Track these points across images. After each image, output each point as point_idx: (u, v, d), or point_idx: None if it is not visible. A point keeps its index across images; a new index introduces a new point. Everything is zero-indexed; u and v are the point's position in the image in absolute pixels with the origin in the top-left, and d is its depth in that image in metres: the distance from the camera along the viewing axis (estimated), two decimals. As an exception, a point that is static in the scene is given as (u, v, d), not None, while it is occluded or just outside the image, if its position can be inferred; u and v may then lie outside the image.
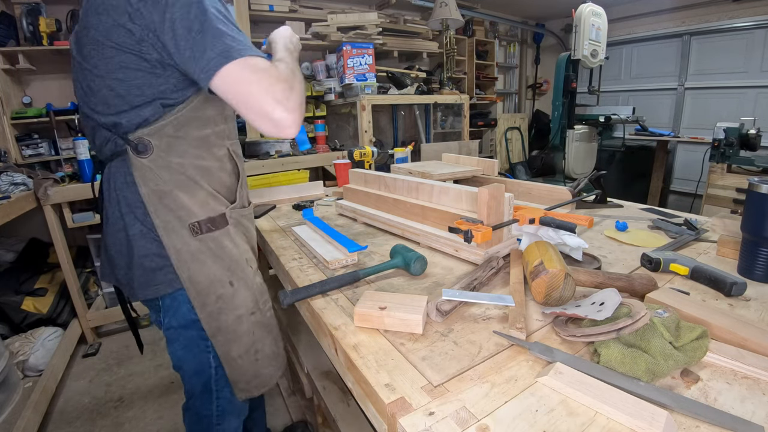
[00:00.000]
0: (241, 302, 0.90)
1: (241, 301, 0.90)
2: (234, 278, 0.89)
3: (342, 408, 1.18)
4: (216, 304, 0.87)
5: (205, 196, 0.85)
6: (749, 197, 0.76)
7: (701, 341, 0.54)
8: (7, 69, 2.33)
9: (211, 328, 0.89)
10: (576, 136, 3.52)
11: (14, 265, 2.21)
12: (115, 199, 0.84)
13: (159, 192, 0.80)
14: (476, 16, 4.52)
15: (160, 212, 0.81)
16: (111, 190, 0.84)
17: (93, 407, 1.87)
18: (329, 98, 3.30)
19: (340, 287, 0.79)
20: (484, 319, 0.67)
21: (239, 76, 0.68)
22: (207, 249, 0.85)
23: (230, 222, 0.88)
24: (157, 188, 0.80)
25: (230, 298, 0.88)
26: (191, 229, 0.83)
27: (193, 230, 0.83)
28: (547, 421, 0.45)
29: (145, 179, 0.79)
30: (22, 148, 2.41)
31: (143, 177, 0.79)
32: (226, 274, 0.88)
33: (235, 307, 0.89)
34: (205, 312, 0.87)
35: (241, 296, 0.90)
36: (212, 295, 0.87)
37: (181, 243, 0.83)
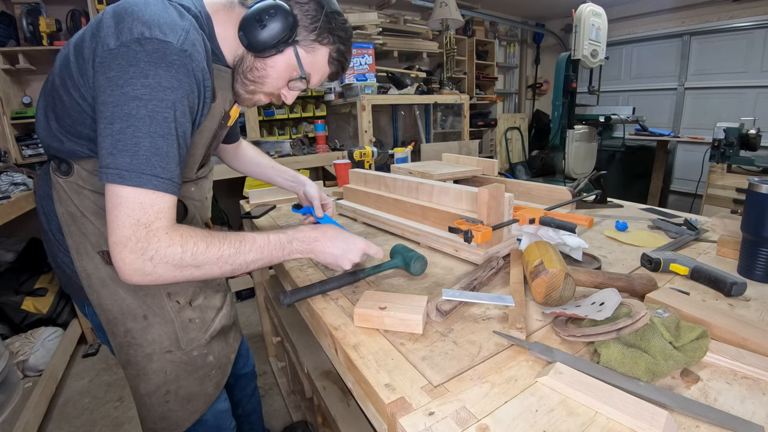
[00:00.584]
0: (155, 339, 0.81)
1: (155, 338, 0.81)
2: (150, 312, 0.80)
3: (342, 408, 1.18)
4: (124, 337, 0.80)
5: None
6: (749, 197, 0.76)
7: (701, 341, 0.54)
8: (7, 69, 2.33)
9: (121, 359, 0.83)
10: (576, 136, 3.52)
11: (14, 265, 2.21)
12: (39, 205, 0.81)
13: (71, 214, 0.75)
14: (476, 16, 4.52)
15: (73, 233, 0.76)
16: (37, 193, 0.81)
17: (93, 407, 1.87)
18: (329, 98, 3.30)
19: (340, 287, 0.79)
20: (484, 319, 0.67)
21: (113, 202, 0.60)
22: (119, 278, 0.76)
23: None
24: (69, 210, 0.75)
25: (141, 333, 0.80)
26: (102, 257, 0.76)
27: (104, 258, 0.76)
28: (547, 421, 0.45)
29: (60, 198, 0.75)
30: (22, 148, 2.41)
31: (59, 195, 0.74)
32: (141, 306, 0.79)
33: (145, 343, 0.81)
34: (114, 342, 0.81)
35: (154, 332, 0.81)
36: (121, 327, 0.79)
37: (92, 268, 0.76)
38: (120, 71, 0.59)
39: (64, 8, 2.41)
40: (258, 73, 0.77)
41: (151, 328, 0.81)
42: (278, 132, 3.31)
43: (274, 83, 0.79)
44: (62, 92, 0.68)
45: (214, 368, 0.91)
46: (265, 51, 0.73)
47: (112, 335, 0.80)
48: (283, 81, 0.79)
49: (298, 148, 2.94)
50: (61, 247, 0.79)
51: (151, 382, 0.84)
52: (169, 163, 0.62)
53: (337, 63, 0.82)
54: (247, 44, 0.72)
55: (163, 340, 0.82)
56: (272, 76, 0.77)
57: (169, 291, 0.82)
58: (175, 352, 0.84)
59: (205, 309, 0.89)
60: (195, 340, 0.86)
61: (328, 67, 0.81)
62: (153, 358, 0.82)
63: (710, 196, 2.90)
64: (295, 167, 2.82)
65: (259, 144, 2.85)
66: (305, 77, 0.79)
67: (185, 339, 0.85)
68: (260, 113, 3.14)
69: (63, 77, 0.67)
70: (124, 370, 0.84)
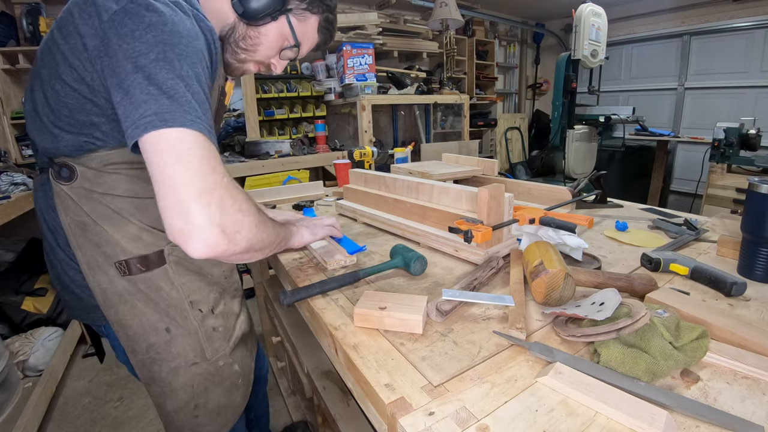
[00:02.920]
0: (180, 352, 0.77)
1: (179, 351, 0.77)
2: (173, 324, 0.76)
3: (342, 408, 1.18)
4: (147, 353, 0.75)
5: (138, 230, 0.72)
6: (749, 197, 0.76)
7: (701, 341, 0.54)
8: (7, 69, 2.33)
9: (144, 377, 0.78)
10: (576, 136, 3.52)
11: (14, 265, 2.21)
12: (42, 219, 0.75)
13: (80, 223, 0.69)
14: (476, 16, 4.52)
15: (83, 246, 0.70)
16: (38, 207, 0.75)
17: (93, 407, 1.87)
18: (329, 98, 3.30)
19: (340, 287, 0.79)
20: (484, 319, 0.67)
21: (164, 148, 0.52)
22: (137, 291, 0.73)
23: (170, 260, 0.75)
24: (78, 218, 0.69)
25: (165, 347, 0.76)
26: (118, 268, 0.71)
27: (121, 270, 0.71)
28: (547, 421, 0.45)
29: (65, 207, 0.68)
30: (22, 148, 2.42)
31: (64, 205, 0.68)
32: (163, 319, 0.75)
33: (170, 357, 0.77)
34: (136, 359, 0.76)
35: (179, 345, 0.77)
36: (143, 342, 0.75)
37: (107, 282, 0.71)
38: (136, 23, 0.54)
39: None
40: (251, 42, 0.76)
41: (175, 341, 0.77)
42: (278, 132, 3.31)
43: (266, 52, 0.78)
44: (54, 82, 0.62)
45: (240, 377, 0.89)
46: (259, 19, 0.72)
47: (133, 352, 0.75)
48: (275, 50, 0.79)
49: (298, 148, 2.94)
50: (72, 263, 0.73)
51: (179, 397, 0.80)
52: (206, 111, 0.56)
53: (325, 31, 0.83)
54: (242, 12, 0.72)
55: (188, 353, 0.78)
56: (264, 44, 0.77)
57: (192, 299, 0.78)
58: (201, 363, 0.80)
59: (227, 316, 0.86)
60: (220, 349, 0.83)
61: (317, 35, 0.82)
62: (179, 372, 0.78)
63: (710, 196, 2.90)
64: (295, 167, 2.83)
65: (259, 144, 2.85)
66: (297, 45, 0.79)
67: (210, 349, 0.81)
68: (260, 113, 3.14)
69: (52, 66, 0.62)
70: (148, 387, 0.79)
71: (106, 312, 0.73)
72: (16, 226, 2.22)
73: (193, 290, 0.79)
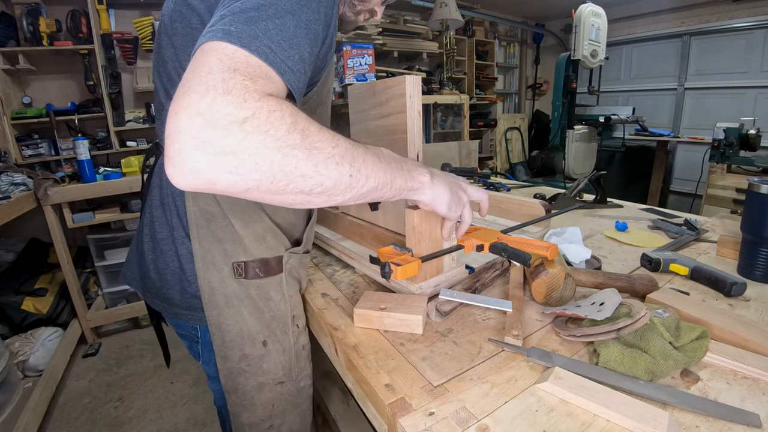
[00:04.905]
0: (270, 368, 0.73)
1: (271, 368, 0.73)
2: (270, 338, 0.72)
3: (342, 408, 1.18)
4: (238, 364, 0.71)
5: (264, 229, 0.69)
6: (749, 197, 0.76)
7: (701, 341, 0.54)
8: (7, 69, 2.33)
9: (227, 384, 0.74)
10: (576, 137, 3.52)
11: (14, 265, 2.21)
12: (170, 204, 0.69)
13: (207, 213, 0.65)
14: (476, 17, 4.52)
15: (203, 238, 0.66)
16: (164, 191, 0.70)
17: (93, 407, 1.87)
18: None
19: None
20: (484, 319, 0.67)
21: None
22: (246, 297, 0.69)
23: (286, 270, 0.71)
24: (207, 208, 0.65)
25: (257, 361, 0.72)
26: (234, 269, 0.67)
27: (237, 271, 0.67)
28: (547, 421, 0.45)
29: (196, 193, 0.63)
30: (22, 149, 2.42)
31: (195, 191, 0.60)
32: (263, 331, 0.71)
33: (260, 372, 0.72)
34: (225, 365, 0.72)
35: (272, 361, 0.73)
36: (237, 351, 0.71)
37: (218, 280, 0.67)
38: None
39: (64, 8, 2.41)
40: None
41: (269, 356, 0.72)
42: (278, 132, 3.31)
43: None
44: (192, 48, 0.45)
45: (312, 401, 0.84)
46: None
47: (224, 359, 0.71)
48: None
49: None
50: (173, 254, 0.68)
51: (257, 414, 0.75)
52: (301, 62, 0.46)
53: None
54: None
55: (278, 370, 0.74)
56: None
57: (295, 313, 0.74)
58: (287, 383, 0.76)
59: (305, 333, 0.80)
60: (304, 369, 0.79)
61: None
62: (264, 389, 0.74)
63: (710, 196, 2.90)
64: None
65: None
66: None
67: (297, 368, 0.77)
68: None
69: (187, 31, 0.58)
70: (228, 395, 0.75)
71: (208, 312, 0.68)
72: (16, 226, 2.22)
73: (296, 304, 0.75)
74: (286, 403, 0.77)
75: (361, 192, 0.47)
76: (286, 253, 0.72)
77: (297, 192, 0.42)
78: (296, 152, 0.39)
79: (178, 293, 0.71)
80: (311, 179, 0.41)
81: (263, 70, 0.41)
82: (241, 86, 0.37)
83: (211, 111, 0.36)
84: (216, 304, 0.68)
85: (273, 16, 0.43)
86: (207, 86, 0.36)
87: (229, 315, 0.69)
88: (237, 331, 0.70)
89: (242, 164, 0.37)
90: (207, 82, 0.37)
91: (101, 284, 2.53)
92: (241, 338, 0.70)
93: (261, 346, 0.71)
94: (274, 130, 0.38)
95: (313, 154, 0.41)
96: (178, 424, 1.74)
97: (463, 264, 0.79)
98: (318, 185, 0.42)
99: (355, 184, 0.46)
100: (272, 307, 0.71)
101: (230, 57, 0.39)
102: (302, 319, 0.78)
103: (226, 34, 0.40)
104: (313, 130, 0.41)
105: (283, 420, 0.78)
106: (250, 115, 0.37)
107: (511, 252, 0.65)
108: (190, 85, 0.37)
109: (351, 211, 0.95)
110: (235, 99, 0.37)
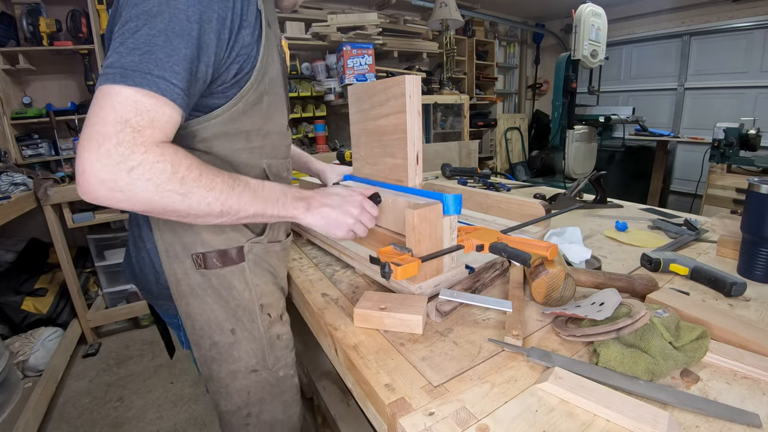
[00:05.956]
0: (241, 356, 0.75)
1: (242, 355, 0.75)
2: (239, 326, 0.74)
3: (342, 408, 1.18)
4: (210, 351, 0.74)
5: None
6: (749, 197, 0.76)
7: (701, 341, 0.54)
8: (7, 69, 2.33)
9: (204, 372, 0.77)
10: (576, 137, 3.52)
11: (14, 265, 2.21)
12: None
13: None
14: (476, 17, 4.52)
15: (164, 232, 0.69)
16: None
17: (93, 407, 1.87)
18: (329, 98, 3.30)
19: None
20: (484, 319, 0.67)
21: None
22: (209, 286, 0.71)
23: (248, 259, 0.73)
24: None
25: (227, 349, 0.74)
26: (194, 260, 0.70)
27: (196, 262, 0.70)
28: (547, 421, 0.45)
29: None
30: (22, 149, 2.42)
31: None
32: (229, 319, 0.73)
33: (231, 360, 0.75)
34: (199, 354, 0.75)
35: (242, 349, 0.75)
36: (207, 339, 0.74)
37: (182, 272, 0.70)
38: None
39: (64, 8, 2.41)
40: None
41: (239, 344, 0.75)
42: (278, 132, 3.31)
43: None
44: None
45: (298, 392, 0.86)
46: None
47: (197, 347, 0.74)
48: None
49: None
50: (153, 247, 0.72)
51: (232, 401, 0.77)
52: (187, 70, 0.52)
53: None
54: None
55: (250, 358, 0.76)
56: None
57: (263, 302, 0.76)
58: (261, 372, 0.78)
59: (287, 323, 0.83)
60: (282, 358, 0.80)
61: None
62: (237, 377, 0.76)
63: (710, 196, 2.90)
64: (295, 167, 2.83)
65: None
66: None
67: (272, 357, 0.78)
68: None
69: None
70: (207, 383, 0.78)
71: (177, 302, 0.72)
72: (16, 226, 2.23)
73: (265, 293, 0.77)
74: (263, 391, 0.78)
75: (234, 219, 0.59)
76: (248, 243, 0.73)
77: (177, 217, 0.55)
78: (173, 195, 0.51)
79: (155, 285, 0.74)
80: (186, 213, 0.54)
81: (151, 114, 0.49)
82: (130, 139, 0.47)
83: (107, 158, 0.46)
84: (183, 294, 0.71)
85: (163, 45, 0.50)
86: (104, 137, 0.46)
87: (196, 304, 0.72)
88: (205, 320, 0.72)
89: (130, 198, 0.49)
90: (103, 132, 0.46)
91: (101, 284, 2.53)
92: (209, 326, 0.73)
93: (230, 334, 0.74)
94: (155, 178, 0.49)
95: (187, 197, 0.52)
96: (178, 424, 1.74)
97: (463, 264, 0.79)
98: (192, 216, 0.55)
99: (227, 215, 0.58)
100: (236, 296, 0.73)
101: (122, 104, 0.48)
102: (276, 309, 0.79)
103: (122, 76, 0.48)
104: (192, 177, 0.53)
105: (262, 408, 0.79)
106: (136, 164, 0.48)
107: (511, 252, 0.65)
108: (90, 132, 0.47)
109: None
110: (125, 150, 0.47)
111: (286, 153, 0.81)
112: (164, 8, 0.50)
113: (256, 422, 0.80)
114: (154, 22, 0.50)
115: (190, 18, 0.52)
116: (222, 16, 0.55)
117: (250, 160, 0.70)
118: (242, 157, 0.69)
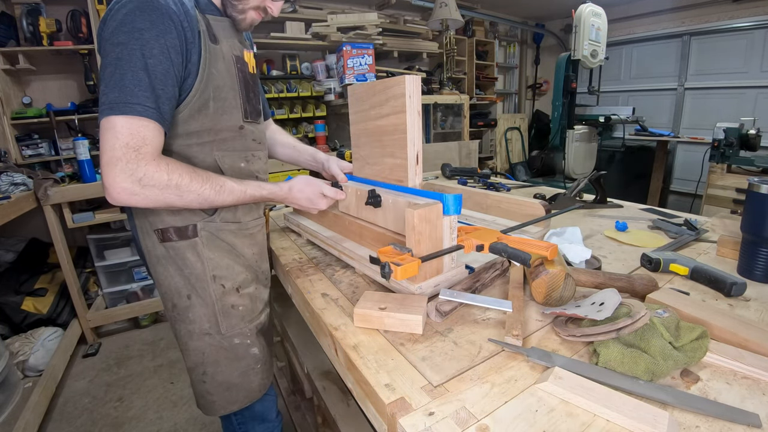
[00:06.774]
0: (195, 318, 0.88)
1: (196, 318, 0.88)
2: (193, 293, 0.87)
3: (342, 408, 1.18)
4: (172, 312, 0.89)
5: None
6: (749, 197, 0.76)
7: (701, 341, 0.54)
8: (7, 69, 2.33)
9: (172, 331, 0.92)
10: (576, 137, 3.51)
11: (14, 265, 2.21)
12: None
13: None
14: (476, 17, 4.52)
15: (138, 213, 0.86)
16: None
17: (93, 407, 1.87)
18: (329, 98, 3.30)
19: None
20: (484, 319, 0.67)
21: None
22: (169, 257, 0.85)
23: (201, 235, 0.85)
24: None
25: (184, 311, 0.88)
26: (157, 235, 0.84)
27: (159, 236, 0.84)
28: (546, 421, 0.45)
29: None
30: (22, 149, 2.42)
31: None
32: (186, 286, 0.86)
33: (188, 321, 0.88)
34: (167, 314, 0.92)
35: (196, 313, 0.87)
36: (169, 302, 0.89)
37: (151, 245, 0.86)
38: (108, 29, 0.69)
39: (64, 8, 2.41)
40: None
41: (193, 308, 0.87)
42: (278, 132, 3.31)
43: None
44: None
45: (259, 362, 0.96)
46: None
47: (165, 308, 0.91)
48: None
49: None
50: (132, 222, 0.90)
51: (190, 359, 0.91)
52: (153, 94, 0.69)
53: None
54: None
55: (203, 322, 0.88)
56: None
57: (216, 274, 0.87)
58: (214, 335, 0.89)
59: (255, 299, 0.94)
60: (236, 327, 0.91)
61: None
62: (193, 337, 0.89)
63: (710, 196, 2.90)
64: (295, 167, 2.83)
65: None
66: None
67: (226, 324, 0.90)
68: (260, 113, 3.13)
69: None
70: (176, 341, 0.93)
71: (150, 270, 0.89)
72: (16, 226, 2.23)
73: (219, 266, 0.88)
74: (218, 354, 0.90)
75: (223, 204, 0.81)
76: (201, 222, 0.85)
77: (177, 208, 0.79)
78: (171, 196, 0.73)
79: (140, 255, 0.94)
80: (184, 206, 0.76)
81: (142, 132, 0.68)
82: (134, 157, 0.68)
83: (123, 174, 0.68)
84: (152, 263, 0.87)
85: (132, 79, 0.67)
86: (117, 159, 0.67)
87: (161, 272, 0.87)
88: (167, 285, 0.87)
89: (143, 199, 0.71)
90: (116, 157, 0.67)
91: (101, 284, 2.53)
92: (170, 291, 0.87)
93: (186, 299, 0.87)
94: (158, 184, 0.70)
95: (184, 195, 0.74)
96: (178, 424, 1.74)
97: (463, 264, 0.79)
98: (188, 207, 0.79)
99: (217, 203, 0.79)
100: (189, 266, 0.86)
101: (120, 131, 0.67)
102: (231, 281, 0.89)
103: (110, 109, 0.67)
104: (185, 181, 0.73)
105: (217, 369, 0.91)
106: (143, 175, 0.69)
107: (511, 252, 0.66)
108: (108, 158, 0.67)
109: (351, 211, 0.95)
110: (133, 166, 0.68)
111: (246, 146, 0.91)
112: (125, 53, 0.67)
113: (211, 381, 0.91)
114: (122, 65, 0.67)
115: (146, 55, 0.68)
116: (173, 45, 0.71)
117: (200, 153, 0.84)
118: (193, 151, 0.83)
